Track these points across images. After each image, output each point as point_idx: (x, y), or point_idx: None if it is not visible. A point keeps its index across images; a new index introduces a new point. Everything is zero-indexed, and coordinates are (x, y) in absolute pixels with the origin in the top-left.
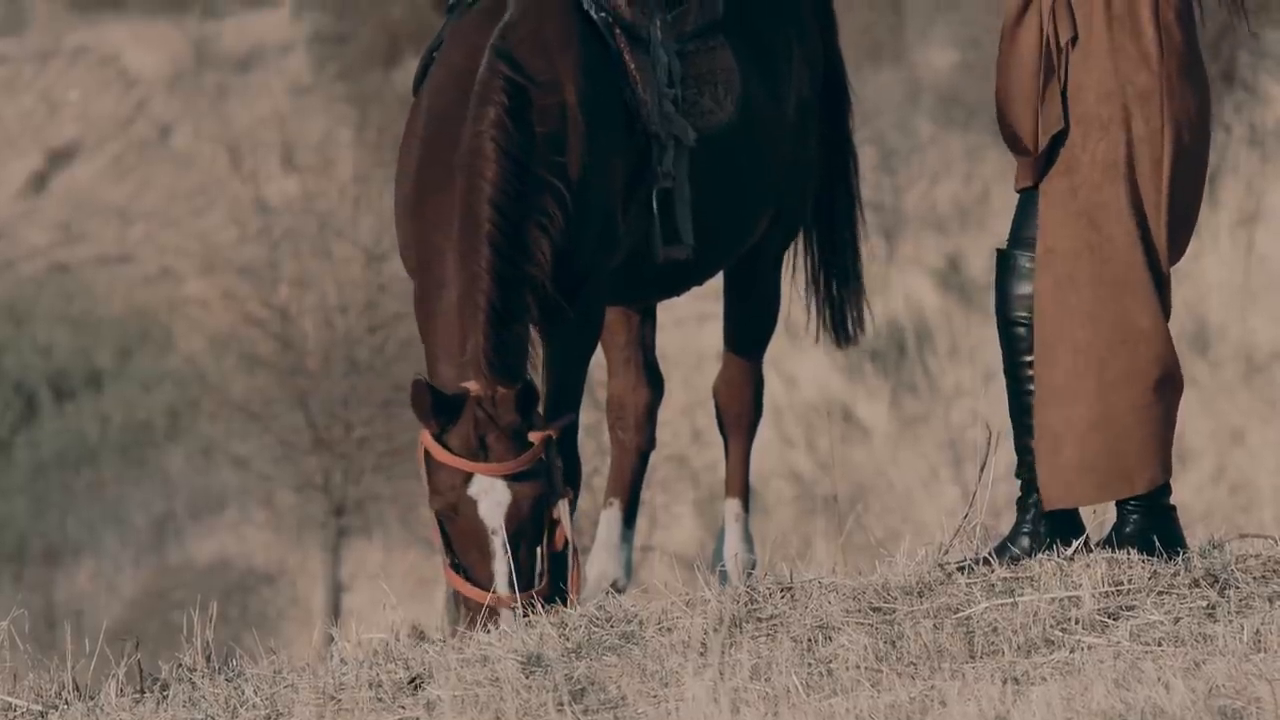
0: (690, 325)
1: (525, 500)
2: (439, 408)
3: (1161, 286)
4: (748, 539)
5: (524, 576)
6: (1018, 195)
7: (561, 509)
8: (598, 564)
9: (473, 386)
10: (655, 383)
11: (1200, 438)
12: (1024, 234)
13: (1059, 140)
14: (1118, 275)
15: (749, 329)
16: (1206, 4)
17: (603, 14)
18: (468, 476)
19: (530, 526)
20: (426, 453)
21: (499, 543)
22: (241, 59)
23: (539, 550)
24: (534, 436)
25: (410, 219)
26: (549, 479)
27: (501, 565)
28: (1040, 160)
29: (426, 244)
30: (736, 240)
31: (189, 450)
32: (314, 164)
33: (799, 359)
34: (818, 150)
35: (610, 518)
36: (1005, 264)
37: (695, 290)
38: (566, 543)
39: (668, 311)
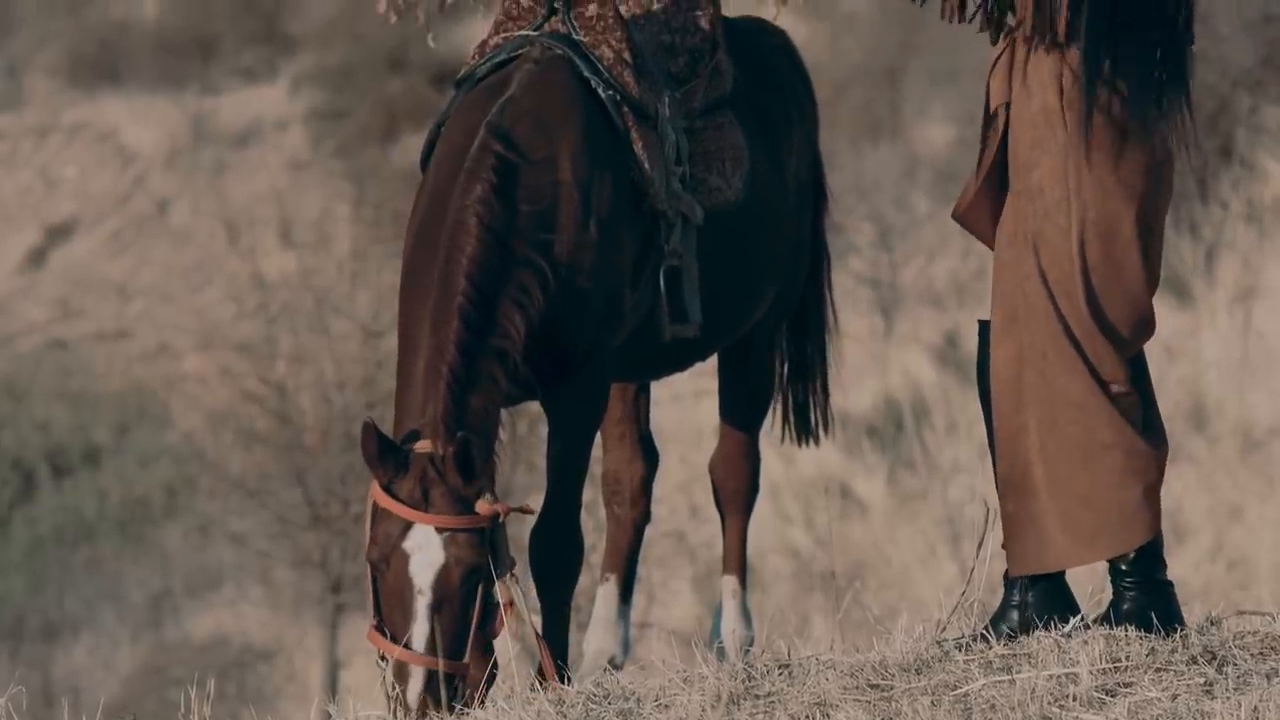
0: (687, 401)
1: (458, 566)
2: (384, 453)
3: (1092, 360)
4: (745, 615)
5: (442, 644)
6: None
7: (514, 592)
8: (595, 640)
9: (425, 445)
10: (650, 456)
11: (1198, 514)
12: None
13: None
14: (1039, 345)
15: (745, 406)
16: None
17: (610, 92)
18: (405, 529)
19: (458, 596)
20: (374, 504)
21: (423, 604)
22: (239, 135)
23: (470, 628)
24: (480, 506)
25: (401, 290)
26: (490, 554)
27: (421, 627)
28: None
29: (408, 314)
30: (741, 318)
31: (186, 527)
32: (311, 240)
33: None
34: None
35: (607, 593)
36: (987, 335)
37: (694, 367)
38: (537, 634)
39: (665, 388)
